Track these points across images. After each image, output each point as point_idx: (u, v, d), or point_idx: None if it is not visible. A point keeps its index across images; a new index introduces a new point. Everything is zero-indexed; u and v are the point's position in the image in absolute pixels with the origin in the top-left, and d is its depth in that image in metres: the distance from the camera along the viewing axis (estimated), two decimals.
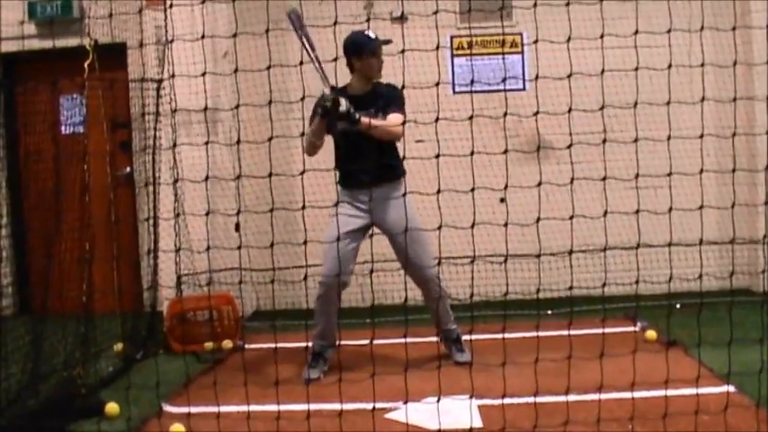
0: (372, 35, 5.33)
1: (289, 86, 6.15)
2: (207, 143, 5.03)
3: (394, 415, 4.43)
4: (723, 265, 7.36)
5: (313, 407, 4.15)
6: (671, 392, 4.04)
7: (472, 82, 7.55)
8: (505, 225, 4.14)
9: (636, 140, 4.39)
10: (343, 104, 4.98)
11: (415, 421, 4.28)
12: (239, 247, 4.90)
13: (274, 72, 4.25)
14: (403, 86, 4.99)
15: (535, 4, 4.02)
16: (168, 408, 4.74)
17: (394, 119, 5.16)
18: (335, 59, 4.92)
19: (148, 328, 6.36)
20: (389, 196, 5.28)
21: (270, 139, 5.12)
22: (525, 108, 5.77)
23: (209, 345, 6.15)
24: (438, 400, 3.98)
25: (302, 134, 5.06)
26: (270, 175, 4.27)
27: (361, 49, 5.28)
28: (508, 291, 4.81)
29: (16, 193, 6.77)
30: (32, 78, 6.58)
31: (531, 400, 4.09)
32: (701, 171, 4.27)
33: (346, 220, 5.22)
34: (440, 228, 4.10)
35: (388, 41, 5.34)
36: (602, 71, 4.25)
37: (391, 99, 5.29)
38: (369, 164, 5.18)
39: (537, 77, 4.20)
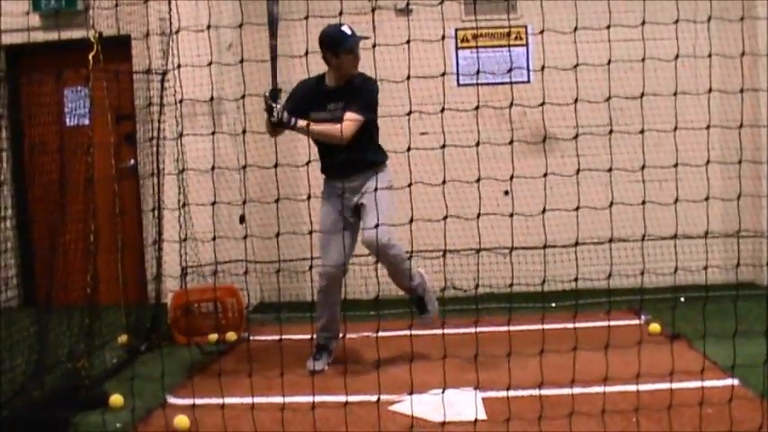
0: (349, 31, 5.14)
1: (293, 78, 6.13)
2: (213, 134, 5.03)
3: (399, 407, 4.43)
4: (727, 258, 7.35)
5: (318, 398, 4.16)
6: (675, 385, 4.03)
7: (477, 73, 7.53)
8: (511, 216, 4.14)
9: (641, 132, 4.38)
10: (276, 114, 4.90)
11: (419, 413, 4.29)
12: (245, 238, 4.91)
13: (279, 63, 4.24)
14: (408, 77, 4.99)
15: None
16: (172, 399, 4.75)
17: (348, 118, 5.06)
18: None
19: (153, 319, 6.37)
20: (365, 186, 5.21)
21: None
22: (530, 100, 5.76)
23: (213, 336, 6.16)
24: (443, 393, 3.99)
25: (307, 125, 5.04)
26: (275, 165, 4.26)
27: (336, 46, 5.10)
28: (513, 283, 4.81)
29: (21, 184, 6.77)
30: (37, 70, 6.57)
31: (535, 392, 4.09)
32: (707, 163, 4.25)
33: (332, 209, 5.22)
34: (445, 219, 4.09)
35: (364, 38, 5.13)
36: (609, 62, 4.24)
37: (357, 96, 5.14)
38: (341, 157, 5.12)
39: (543, 68, 4.18)
